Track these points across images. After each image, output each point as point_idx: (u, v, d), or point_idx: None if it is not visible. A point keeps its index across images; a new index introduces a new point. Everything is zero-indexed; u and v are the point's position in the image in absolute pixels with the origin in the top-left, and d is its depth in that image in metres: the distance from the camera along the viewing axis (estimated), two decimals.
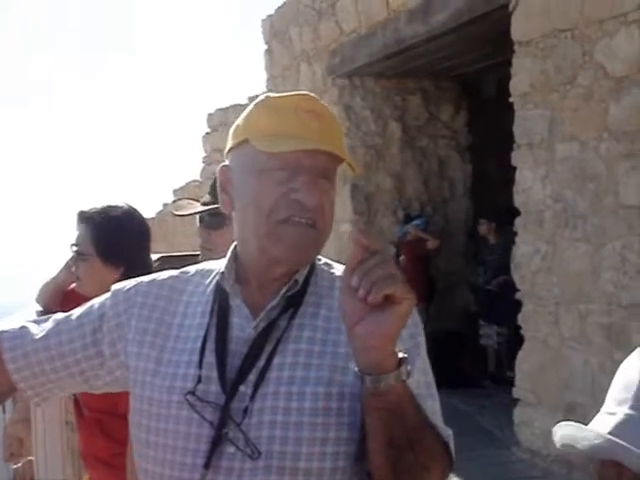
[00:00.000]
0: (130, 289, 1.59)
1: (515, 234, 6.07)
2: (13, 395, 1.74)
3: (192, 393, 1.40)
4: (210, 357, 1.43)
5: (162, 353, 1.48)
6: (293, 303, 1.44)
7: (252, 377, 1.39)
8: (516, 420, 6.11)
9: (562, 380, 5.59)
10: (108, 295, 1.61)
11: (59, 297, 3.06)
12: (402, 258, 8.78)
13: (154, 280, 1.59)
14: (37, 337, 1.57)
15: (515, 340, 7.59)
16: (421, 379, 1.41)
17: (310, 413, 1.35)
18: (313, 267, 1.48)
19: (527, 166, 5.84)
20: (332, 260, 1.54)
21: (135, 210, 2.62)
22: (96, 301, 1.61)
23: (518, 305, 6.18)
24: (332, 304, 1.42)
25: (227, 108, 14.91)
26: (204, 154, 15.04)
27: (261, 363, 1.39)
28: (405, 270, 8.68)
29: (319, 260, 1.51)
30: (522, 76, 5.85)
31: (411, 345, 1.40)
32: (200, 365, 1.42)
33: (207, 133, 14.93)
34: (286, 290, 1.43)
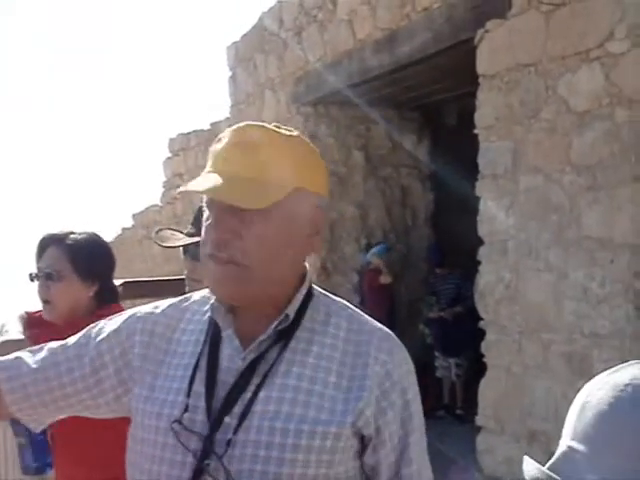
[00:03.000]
0: (130, 316, 1.60)
1: (478, 263, 6.16)
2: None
3: (178, 422, 1.41)
4: (199, 386, 1.44)
5: (155, 380, 1.50)
6: (284, 337, 1.45)
7: (237, 409, 1.40)
8: (479, 447, 6.17)
9: (525, 408, 5.66)
10: (104, 323, 1.62)
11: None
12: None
13: (155, 307, 1.61)
14: (35, 368, 1.57)
15: (472, 372, 7.70)
16: (423, 431, 1.53)
17: (292, 450, 1.36)
18: (308, 300, 1.50)
19: (491, 196, 5.94)
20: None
21: (97, 235, 2.69)
22: (92, 330, 1.62)
23: (475, 335, 6.27)
24: (324, 341, 1.46)
25: (189, 133, 14.89)
26: (164, 179, 14.97)
27: (247, 395, 1.40)
28: (367, 299, 8.77)
29: (316, 293, 1.53)
30: (487, 109, 5.96)
31: (401, 405, 1.47)
32: (188, 394, 1.44)
33: (168, 157, 14.87)
34: (277, 324, 1.44)
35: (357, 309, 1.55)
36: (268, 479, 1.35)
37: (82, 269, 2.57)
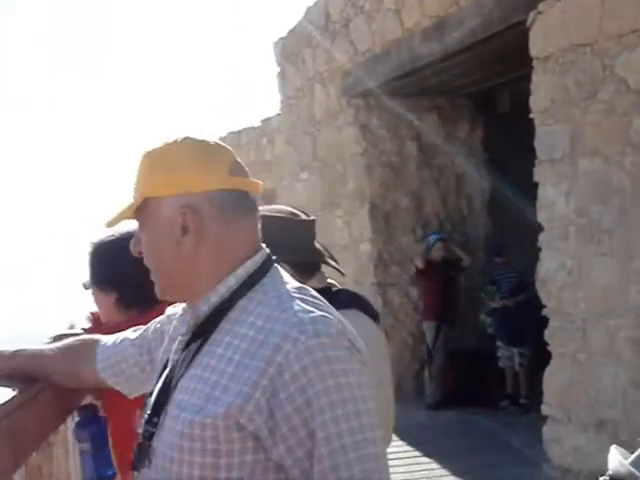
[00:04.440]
0: (158, 322, 1.86)
1: (539, 250, 6.05)
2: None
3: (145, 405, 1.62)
4: (164, 375, 1.61)
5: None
6: (202, 332, 1.54)
7: (166, 396, 1.54)
8: (546, 437, 6.06)
9: (591, 396, 5.55)
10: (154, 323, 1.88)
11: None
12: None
13: (164, 317, 1.83)
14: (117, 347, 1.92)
15: (535, 361, 7.59)
16: (341, 428, 1.36)
17: (179, 436, 1.45)
18: (244, 291, 1.52)
19: (549, 181, 5.82)
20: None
21: (109, 239, 2.60)
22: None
23: (538, 323, 6.17)
24: (239, 331, 1.48)
25: (240, 131, 14.94)
26: None
27: (172, 384, 1.54)
28: (429, 291, 8.73)
29: (267, 281, 1.55)
30: (542, 92, 5.84)
31: (302, 402, 1.36)
32: (158, 380, 1.62)
33: None
34: (194, 322, 1.57)
35: (309, 297, 1.49)
36: (167, 461, 1.47)
37: (94, 278, 2.60)
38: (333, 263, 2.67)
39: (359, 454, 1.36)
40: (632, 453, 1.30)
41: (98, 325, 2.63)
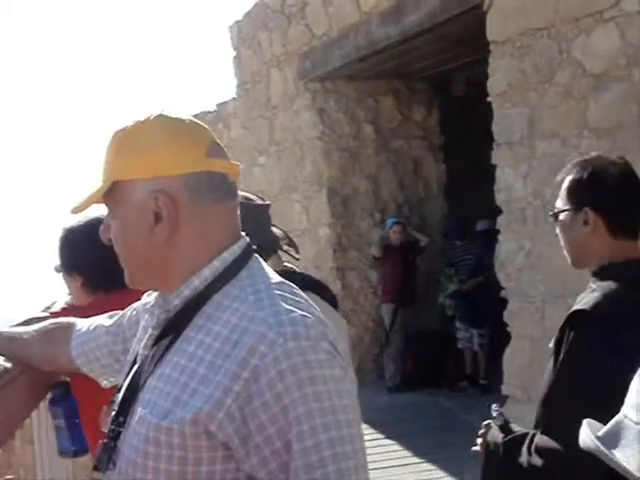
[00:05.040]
0: (134, 310, 1.76)
1: (497, 232, 6.11)
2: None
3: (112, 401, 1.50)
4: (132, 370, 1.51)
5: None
6: (174, 327, 1.42)
7: (133, 394, 1.44)
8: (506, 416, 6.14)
9: None
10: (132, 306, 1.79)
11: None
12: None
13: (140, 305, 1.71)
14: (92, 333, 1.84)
15: (493, 342, 7.70)
16: (320, 439, 1.25)
17: (144, 441, 1.34)
18: (219, 284, 1.40)
19: (507, 164, 5.88)
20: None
21: (76, 224, 2.67)
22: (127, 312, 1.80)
23: (497, 305, 6.24)
24: (212, 328, 1.35)
25: (196, 115, 14.80)
26: None
27: (140, 382, 1.42)
28: (388, 274, 8.78)
29: (245, 275, 1.42)
30: (499, 75, 5.88)
31: (277, 410, 1.25)
32: (127, 375, 1.51)
33: None
34: (165, 317, 1.44)
35: (290, 294, 1.38)
36: (131, 465, 1.36)
37: (61, 262, 2.66)
38: (286, 248, 2.66)
39: (338, 467, 1.24)
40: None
41: (71, 308, 2.68)
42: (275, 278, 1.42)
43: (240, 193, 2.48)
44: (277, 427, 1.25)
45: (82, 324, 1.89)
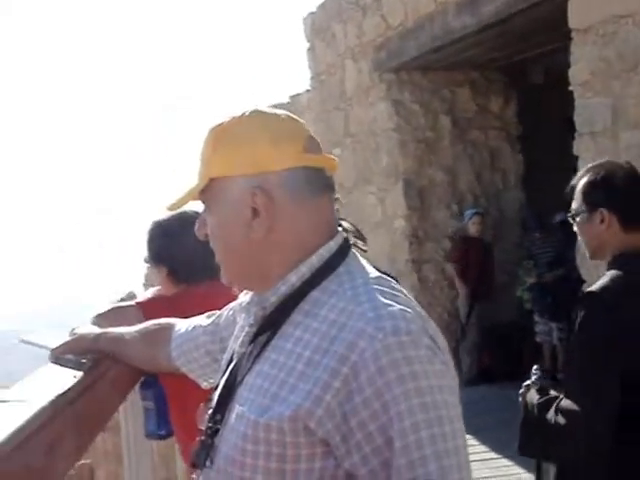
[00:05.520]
0: (231, 309, 1.79)
1: None
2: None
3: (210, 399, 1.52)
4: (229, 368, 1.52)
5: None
6: (271, 324, 1.41)
7: (230, 392, 1.44)
8: None
9: None
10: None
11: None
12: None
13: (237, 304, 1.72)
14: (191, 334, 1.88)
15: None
16: (421, 436, 1.22)
17: (242, 437, 1.33)
18: (317, 280, 1.39)
19: (590, 155, 5.74)
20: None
21: (167, 216, 2.81)
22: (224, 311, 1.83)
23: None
24: (311, 325, 1.34)
25: (269, 107, 14.85)
26: None
27: (238, 380, 1.42)
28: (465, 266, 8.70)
29: (342, 270, 1.40)
30: (581, 64, 5.75)
31: (378, 406, 1.23)
32: (224, 373, 1.52)
33: None
34: (262, 314, 1.44)
35: (388, 288, 1.35)
36: (229, 463, 1.36)
37: (148, 253, 2.83)
38: (354, 241, 2.68)
39: (440, 465, 1.22)
40: None
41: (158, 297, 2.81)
42: (373, 273, 1.40)
43: None
44: (378, 424, 1.23)
45: (181, 325, 1.92)
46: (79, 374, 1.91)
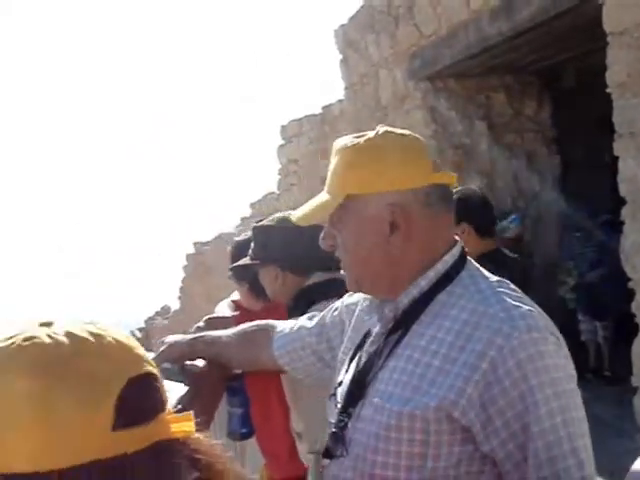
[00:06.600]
0: (335, 310, 1.89)
1: (621, 223, 6.07)
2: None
3: (333, 395, 1.65)
4: (353, 365, 1.63)
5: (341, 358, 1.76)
6: (402, 324, 1.53)
7: (361, 387, 1.54)
8: (638, 409, 6.10)
9: None
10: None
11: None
12: None
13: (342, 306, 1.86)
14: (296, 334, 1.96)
15: (618, 334, 7.63)
16: (556, 421, 1.39)
17: (385, 427, 1.45)
18: (444, 284, 1.52)
19: (630, 155, 5.84)
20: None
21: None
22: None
23: (622, 297, 6.20)
24: (443, 324, 1.46)
25: (301, 119, 15.03)
26: (279, 166, 15.13)
27: (371, 375, 1.53)
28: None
29: (464, 275, 1.54)
30: (618, 66, 5.85)
31: (515, 396, 1.39)
32: (347, 370, 1.65)
33: (281, 145, 15.02)
34: (392, 315, 1.56)
35: (510, 290, 1.50)
36: (369, 451, 1.47)
37: (233, 271, 3.12)
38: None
39: (572, 446, 1.38)
40: None
41: (241, 312, 2.96)
42: (492, 277, 1.55)
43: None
44: (515, 412, 1.38)
45: (282, 326, 2.02)
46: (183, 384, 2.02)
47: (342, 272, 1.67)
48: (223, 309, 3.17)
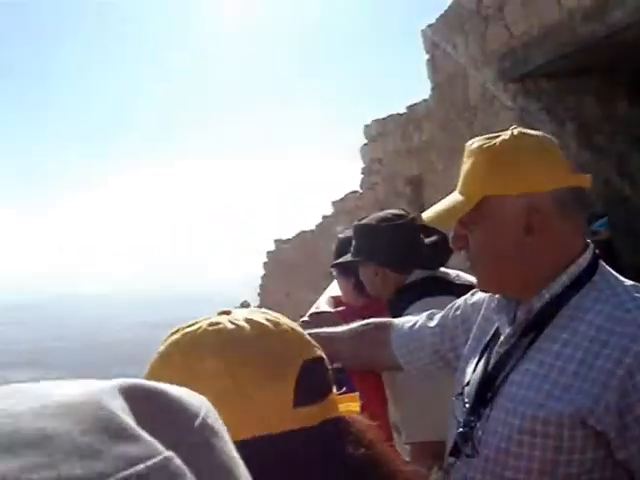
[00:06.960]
0: (456, 309, 1.90)
1: None
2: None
3: (459, 394, 1.63)
4: (481, 366, 1.62)
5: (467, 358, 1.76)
6: (535, 327, 1.52)
7: (491, 388, 1.54)
8: None
9: None
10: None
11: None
12: None
13: (466, 305, 1.88)
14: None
15: None
16: None
17: (518, 430, 1.44)
18: (577, 287, 1.50)
19: None
20: None
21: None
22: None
23: None
24: (577, 329, 1.44)
25: (385, 119, 15.05)
26: (363, 165, 15.16)
27: (501, 376, 1.53)
28: None
29: (598, 279, 1.52)
30: None
31: None
32: (474, 370, 1.63)
33: (365, 144, 15.04)
34: (525, 317, 1.55)
35: None
36: (501, 453, 1.47)
37: (337, 265, 3.16)
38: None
39: None
40: None
41: (346, 307, 3.05)
42: (626, 281, 1.53)
43: (390, 212, 2.72)
44: None
45: (401, 325, 2.01)
46: None
47: (446, 271, 1.67)
48: (322, 305, 3.23)
